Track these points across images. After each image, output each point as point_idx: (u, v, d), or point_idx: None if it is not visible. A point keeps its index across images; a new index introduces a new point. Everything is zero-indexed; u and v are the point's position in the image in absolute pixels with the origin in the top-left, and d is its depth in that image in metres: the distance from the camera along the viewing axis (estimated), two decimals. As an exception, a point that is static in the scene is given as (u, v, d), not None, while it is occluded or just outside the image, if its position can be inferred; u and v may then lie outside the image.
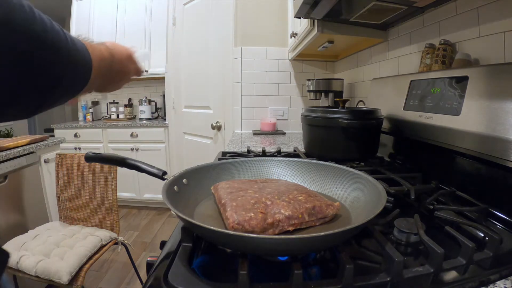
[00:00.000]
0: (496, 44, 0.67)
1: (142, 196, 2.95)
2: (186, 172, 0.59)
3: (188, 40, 2.43)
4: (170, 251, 0.44)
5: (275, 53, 1.98)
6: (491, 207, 0.56)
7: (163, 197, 0.46)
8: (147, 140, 2.88)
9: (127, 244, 1.57)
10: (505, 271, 0.39)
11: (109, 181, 1.58)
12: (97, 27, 3.18)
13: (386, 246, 0.39)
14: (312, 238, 0.35)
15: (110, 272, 1.93)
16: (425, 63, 0.87)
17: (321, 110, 0.97)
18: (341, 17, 1.10)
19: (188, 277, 0.36)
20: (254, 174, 0.68)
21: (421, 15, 0.97)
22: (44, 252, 1.28)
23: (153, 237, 2.45)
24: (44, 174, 1.78)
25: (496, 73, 0.60)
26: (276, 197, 0.47)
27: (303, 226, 0.46)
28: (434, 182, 0.69)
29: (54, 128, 2.95)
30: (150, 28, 3.01)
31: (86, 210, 1.62)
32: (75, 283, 1.21)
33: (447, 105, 0.72)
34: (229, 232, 0.36)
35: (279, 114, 2.03)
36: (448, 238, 0.47)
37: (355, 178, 0.57)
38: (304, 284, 0.35)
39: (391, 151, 1.02)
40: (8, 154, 1.50)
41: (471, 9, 0.75)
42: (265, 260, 0.43)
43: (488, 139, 0.59)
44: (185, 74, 2.51)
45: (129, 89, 3.50)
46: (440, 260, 0.37)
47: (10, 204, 1.53)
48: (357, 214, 0.50)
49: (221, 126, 2.18)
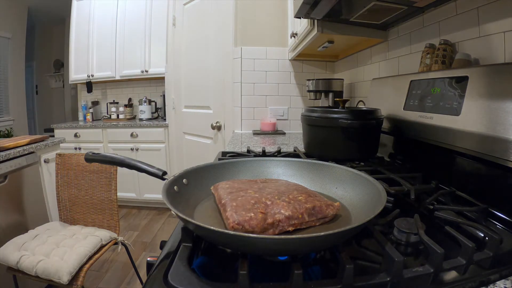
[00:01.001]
0: (496, 44, 0.67)
1: (142, 196, 2.95)
2: (186, 172, 0.59)
3: (188, 40, 2.43)
4: (170, 251, 0.44)
5: (275, 53, 1.98)
6: (491, 207, 0.56)
7: (163, 197, 0.46)
8: (147, 140, 2.88)
9: (127, 244, 1.57)
10: (505, 271, 0.39)
11: (109, 181, 1.58)
12: (97, 27, 3.19)
13: (386, 246, 0.38)
14: (312, 238, 0.35)
15: (110, 272, 1.93)
16: (425, 63, 0.87)
17: (321, 110, 0.96)
18: (341, 17, 1.09)
19: (188, 277, 0.36)
20: (254, 174, 0.68)
21: (421, 15, 0.97)
22: (44, 252, 1.28)
23: (153, 237, 2.45)
24: (44, 174, 1.78)
25: (496, 73, 0.60)
26: (276, 197, 0.47)
27: (303, 226, 0.45)
28: (434, 182, 0.68)
29: (54, 128, 2.95)
30: (150, 28, 3.01)
31: (86, 210, 1.62)
32: (75, 283, 1.21)
33: (447, 105, 0.72)
34: (229, 232, 0.36)
35: (279, 114, 2.03)
36: (448, 238, 0.47)
37: (355, 178, 0.57)
38: (304, 284, 0.35)
39: (391, 151, 1.02)
40: (8, 154, 1.50)
41: (471, 9, 0.75)
42: (265, 260, 0.43)
43: (488, 139, 0.59)
44: (185, 74, 2.51)
45: (129, 89, 3.50)
46: (440, 260, 0.37)
47: (10, 204, 1.53)
48: (357, 214, 0.50)
49: (221, 126, 2.18)
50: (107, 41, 3.15)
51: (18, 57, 4.05)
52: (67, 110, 4.79)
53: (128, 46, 3.10)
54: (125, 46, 3.11)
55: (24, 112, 4.25)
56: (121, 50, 3.12)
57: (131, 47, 3.09)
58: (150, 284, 0.37)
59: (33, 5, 4.09)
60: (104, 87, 3.53)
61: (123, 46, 3.11)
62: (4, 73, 3.84)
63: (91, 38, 3.20)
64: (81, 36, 3.24)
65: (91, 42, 3.20)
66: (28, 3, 4.03)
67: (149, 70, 3.06)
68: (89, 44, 3.21)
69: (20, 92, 4.14)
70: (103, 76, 3.21)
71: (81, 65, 3.25)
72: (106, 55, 3.16)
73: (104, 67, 3.18)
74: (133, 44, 3.08)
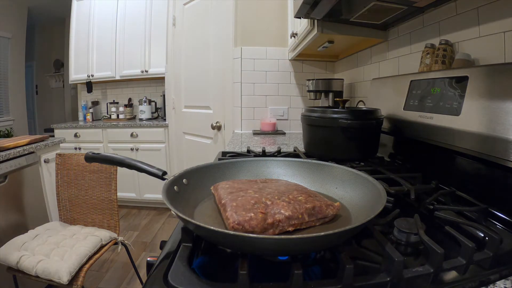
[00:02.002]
0: (496, 44, 0.67)
1: (142, 196, 2.95)
2: (186, 172, 0.59)
3: (188, 40, 2.43)
4: (170, 251, 0.44)
5: (275, 53, 1.98)
6: (491, 207, 0.56)
7: (163, 197, 0.46)
8: (147, 140, 2.88)
9: (127, 244, 1.57)
10: (505, 271, 0.39)
11: (109, 181, 1.58)
12: (97, 27, 3.19)
13: (386, 246, 0.38)
14: (312, 238, 0.35)
15: (110, 272, 1.93)
16: (425, 63, 0.87)
17: (321, 110, 0.96)
18: (341, 17, 1.09)
19: (188, 277, 0.36)
20: (254, 174, 0.68)
21: (421, 15, 0.97)
22: (44, 252, 1.28)
23: (153, 237, 2.45)
24: (44, 174, 1.78)
25: (496, 73, 0.60)
26: (276, 197, 0.47)
27: (303, 226, 0.45)
28: (434, 182, 0.68)
29: (54, 128, 2.95)
30: (150, 28, 3.01)
31: (86, 210, 1.62)
32: (75, 283, 1.21)
33: (447, 105, 0.72)
34: (229, 232, 0.36)
35: (279, 114, 2.03)
36: (448, 238, 0.47)
37: (355, 178, 0.57)
38: (304, 284, 0.35)
39: (391, 151, 1.02)
40: (8, 154, 1.50)
41: (471, 9, 0.75)
42: (265, 260, 0.43)
43: (488, 139, 0.59)
44: (185, 74, 2.51)
45: (129, 89, 3.50)
46: (440, 260, 0.37)
47: (10, 204, 1.53)
48: (357, 214, 0.50)
49: (221, 126, 2.18)
50: (107, 41, 3.15)
51: (18, 57, 4.05)
52: (67, 110, 4.79)
53: (128, 46, 3.10)
54: (125, 46, 3.11)
55: (24, 112, 4.26)
56: (121, 50, 3.12)
57: (131, 47, 3.09)
58: (150, 284, 0.37)
59: (33, 5, 4.09)
60: (104, 87, 3.53)
61: (123, 46, 3.11)
62: (4, 73, 3.84)
63: (91, 38, 3.20)
64: (81, 36, 3.24)
65: (91, 42, 3.20)
66: (28, 3, 4.03)
67: (149, 70, 3.06)
68: (89, 44, 3.21)
69: (20, 92, 4.14)
70: (103, 76, 3.21)
71: (81, 65, 3.25)
72: (106, 55, 3.16)
73: (104, 67, 3.18)
74: (133, 44, 3.08)
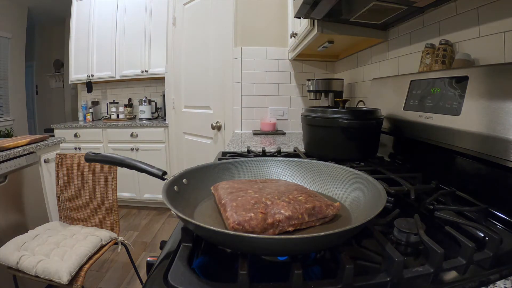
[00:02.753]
0: (496, 44, 0.67)
1: (142, 196, 2.95)
2: (186, 172, 0.59)
3: (188, 40, 2.43)
4: (170, 251, 0.44)
5: (275, 53, 1.98)
6: (491, 207, 0.56)
7: (163, 197, 0.46)
8: (147, 140, 2.88)
9: (127, 244, 1.57)
10: (505, 271, 0.39)
11: (109, 181, 1.58)
12: (97, 27, 3.19)
13: (386, 246, 0.38)
14: (312, 238, 0.35)
15: (110, 272, 1.93)
16: (425, 63, 0.87)
17: (321, 110, 0.96)
18: (341, 17, 1.09)
19: (188, 277, 0.36)
20: (254, 174, 0.68)
21: (421, 15, 0.97)
22: (44, 252, 1.28)
23: (153, 237, 2.45)
24: (44, 174, 1.78)
25: (496, 73, 0.60)
26: (276, 197, 0.47)
27: (303, 226, 0.45)
28: (434, 182, 0.68)
29: (54, 128, 2.95)
30: (150, 28, 3.01)
31: (86, 210, 1.62)
32: (75, 283, 1.21)
33: (447, 105, 0.72)
34: (229, 232, 0.36)
35: (279, 114, 2.02)
36: (448, 238, 0.47)
37: (355, 178, 0.57)
38: (304, 284, 0.35)
39: (391, 151, 1.02)
40: (8, 154, 1.50)
41: (471, 9, 0.75)
42: (265, 260, 0.43)
43: (488, 139, 0.59)
44: (185, 74, 2.51)
45: (129, 89, 3.50)
46: (440, 260, 0.37)
47: (10, 204, 1.53)
48: (357, 214, 0.50)
49: (221, 126, 2.18)
50: (107, 41, 3.15)
51: (18, 57, 4.05)
52: (67, 110, 4.79)
53: (128, 46, 3.10)
54: (125, 46, 3.11)
55: (24, 112, 4.26)
56: (121, 50, 3.12)
57: (131, 47, 3.09)
58: (150, 284, 0.37)
59: (33, 5, 4.09)
60: (104, 87, 3.53)
61: (123, 46, 3.11)
62: (4, 73, 3.84)
63: (91, 38, 3.20)
64: (81, 36, 3.24)
65: (91, 42, 3.20)
66: (28, 3, 4.03)
67: (149, 70, 3.06)
68: (89, 44, 3.21)
69: (20, 92, 4.15)
70: (103, 76, 3.21)
71: (81, 65, 3.25)
72: (106, 55, 3.16)
73: (104, 67, 3.18)
74: (133, 44, 3.07)
